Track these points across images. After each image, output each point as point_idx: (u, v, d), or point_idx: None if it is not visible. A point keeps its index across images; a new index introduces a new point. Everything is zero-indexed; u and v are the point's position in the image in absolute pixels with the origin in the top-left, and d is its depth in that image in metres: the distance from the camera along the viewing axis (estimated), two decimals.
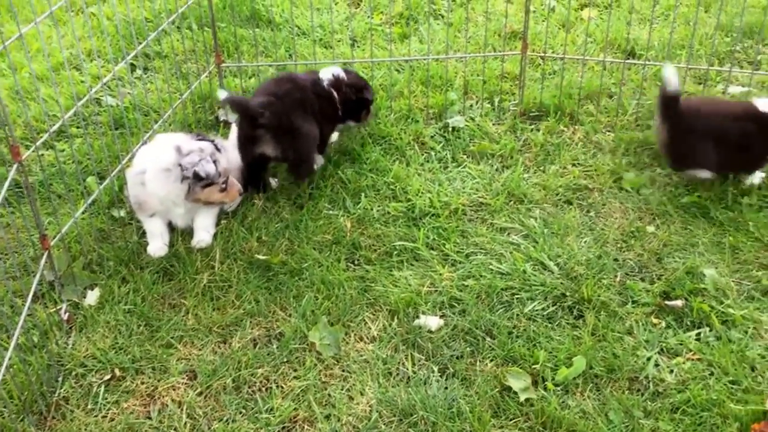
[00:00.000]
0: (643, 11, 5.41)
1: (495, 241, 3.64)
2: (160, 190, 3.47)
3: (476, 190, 3.98)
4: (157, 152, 3.51)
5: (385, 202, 3.90)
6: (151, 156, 3.51)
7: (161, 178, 3.45)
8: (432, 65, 4.88)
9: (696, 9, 4.58)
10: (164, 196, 3.48)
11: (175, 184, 3.45)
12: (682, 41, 4.96)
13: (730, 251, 3.49)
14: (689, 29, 5.04)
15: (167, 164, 3.44)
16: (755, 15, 5.09)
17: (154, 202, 3.51)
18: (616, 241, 3.61)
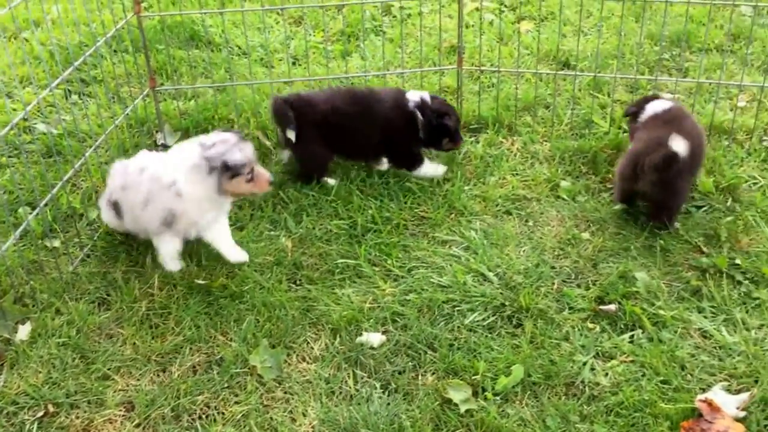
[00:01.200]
0: (578, 23, 5.53)
1: (436, 254, 3.69)
2: (199, 191, 3.41)
3: (418, 204, 4.02)
4: (179, 156, 3.45)
5: (327, 220, 3.93)
6: (174, 162, 3.44)
7: (195, 177, 3.39)
8: (373, 81, 4.93)
9: (621, 20, 4.69)
10: (204, 195, 3.42)
11: (208, 179, 3.39)
12: (613, 51, 5.08)
13: (661, 254, 3.58)
14: (621, 39, 5.17)
15: (195, 161, 3.39)
16: (682, 24, 5.24)
17: (193, 209, 3.45)
18: (553, 249, 3.69)
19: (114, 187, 3.59)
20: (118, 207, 3.59)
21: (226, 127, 3.76)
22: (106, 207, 3.68)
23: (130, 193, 3.50)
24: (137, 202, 3.47)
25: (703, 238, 3.64)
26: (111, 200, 3.62)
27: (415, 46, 5.39)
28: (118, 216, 3.62)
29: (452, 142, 4.24)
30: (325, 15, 5.90)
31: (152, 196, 3.44)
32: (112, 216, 3.67)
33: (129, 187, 3.51)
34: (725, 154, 4.16)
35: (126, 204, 3.54)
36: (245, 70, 5.13)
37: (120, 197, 3.56)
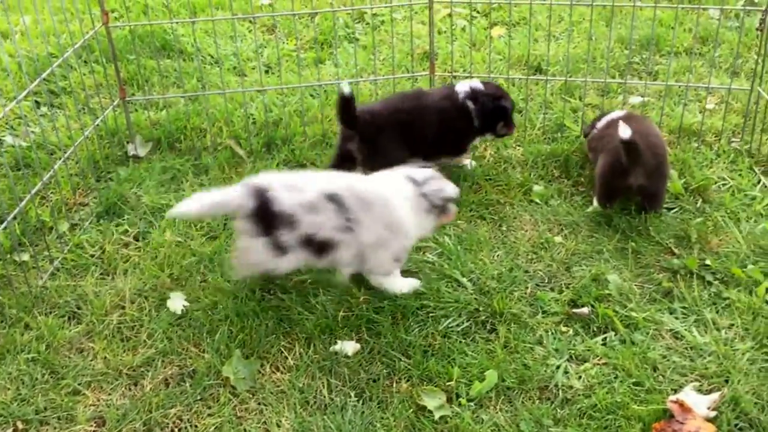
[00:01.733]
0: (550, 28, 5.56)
1: (411, 260, 3.69)
2: (418, 229, 3.43)
3: None
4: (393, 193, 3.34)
5: None
6: (396, 202, 3.31)
7: (417, 216, 3.38)
8: None
9: (591, 25, 4.72)
10: (419, 232, 3.46)
11: (427, 216, 3.40)
12: (584, 55, 5.11)
13: (633, 256, 3.61)
14: (591, 44, 5.21)
15: (413, 199, 3.36)
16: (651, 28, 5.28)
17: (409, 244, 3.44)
18: (526, 253, 3.70)
19: (317, 223, 3.24)
20: (319, 245, 3.28)
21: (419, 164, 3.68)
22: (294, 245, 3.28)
23: (362, 233, 3.28)
24: (369, 244, 3.31)
25: (674, 240, 3.67)
26: (308, 237, 3.26)
27: (388, 53, 5.40)
28: (318, 254, 3.32)
29: (506, 127, 4.23)
30: (297, 23, 5.90)
31: (386, 240, 3.34)
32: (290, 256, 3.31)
33: (355, 226, 3.27)
34: (695, 156, 4.19)
35: (349, 243, 3.30)
36: (217, 79, 5.11)
37: (335, 236, 3.27)
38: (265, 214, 3.22)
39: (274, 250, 3.28)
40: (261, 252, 3.28)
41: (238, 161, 4.45)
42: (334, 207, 3.24)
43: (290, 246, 3.27)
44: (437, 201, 3.38)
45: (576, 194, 4.05)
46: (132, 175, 4.29)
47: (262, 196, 3.22)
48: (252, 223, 3.25)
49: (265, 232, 3.24)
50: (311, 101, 4.96)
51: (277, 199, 3.21)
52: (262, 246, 3.27)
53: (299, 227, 3.23)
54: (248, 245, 3.31)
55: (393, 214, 3.33)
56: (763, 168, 4.12)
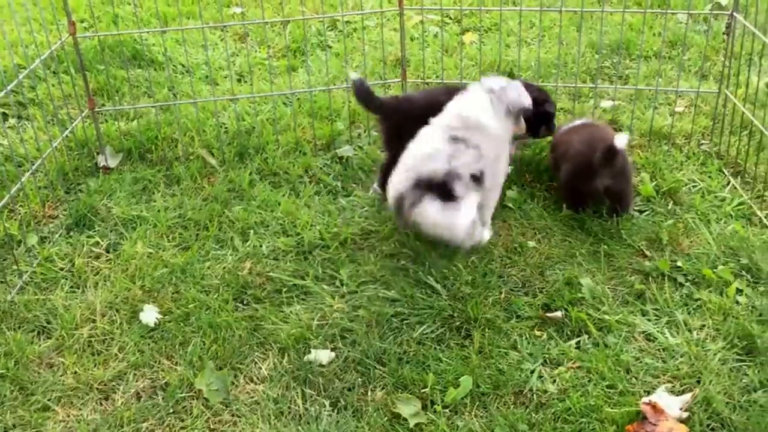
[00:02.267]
0: (522, 33, 5.59)
1: (384, 268, 3.68)
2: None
3: (365, 218, 4.02)
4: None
5: (275, 237, 3.90)
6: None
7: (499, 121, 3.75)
8: (319, 96, 4.93)
9: (560, 30, 4.75)
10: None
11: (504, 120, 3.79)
12: (555, 60, 5.14)
13: (606, 259, 3.62)
14: (563, 49, 5.25)
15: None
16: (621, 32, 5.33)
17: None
18: (500, 257, 3.70)
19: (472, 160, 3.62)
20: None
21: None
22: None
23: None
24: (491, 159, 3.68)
25: (646, 242, 3.69)
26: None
27: (361, 60, 5.40)
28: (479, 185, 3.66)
29: (548, 130, 4.21)
30: (269, 31, 5.88)
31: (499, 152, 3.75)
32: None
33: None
34: (665, 159, 4.23)
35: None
36: (189, 89, 5.08)
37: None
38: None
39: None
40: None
41: (211, 171, 4.43)
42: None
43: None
44: (512, 107, 3.74)
45: (549, 199, 4.06)
46: (102, 187, 4.25)
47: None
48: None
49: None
50: (284, 109, 4.95)
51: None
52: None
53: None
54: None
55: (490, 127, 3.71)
56: (732, 170, 4.16)
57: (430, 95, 4.21)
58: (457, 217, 3.60)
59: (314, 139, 4.62)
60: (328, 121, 4.76)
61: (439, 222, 3.61)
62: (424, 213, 3.60)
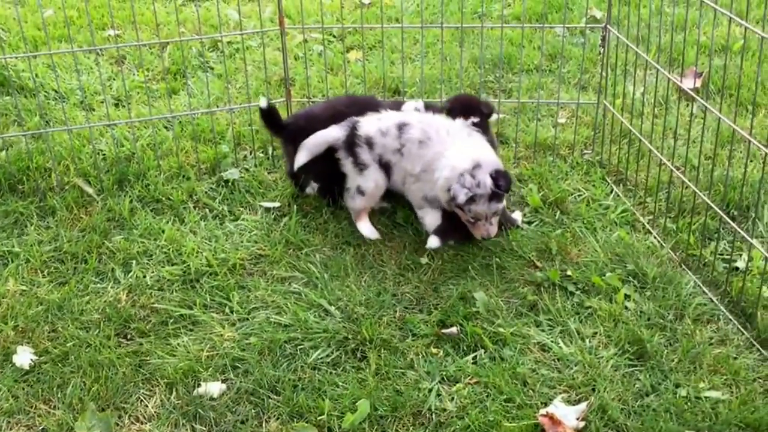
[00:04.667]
0: (406, 50, 5.61)
1: (276, 292, 3.57)
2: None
3: (254, 242, 3.89)
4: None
5: (159, 267, 3.72)
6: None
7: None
8: (201, 119, 4.77)
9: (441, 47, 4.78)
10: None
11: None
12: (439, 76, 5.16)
13: (498, 272, 3.63)
14: (447, 64, 5.29)
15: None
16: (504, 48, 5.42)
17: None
18: (393, 276, 3.65)
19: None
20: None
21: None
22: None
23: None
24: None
25: (536, 253, 3.72)
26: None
27: (243, 81, 5.28)
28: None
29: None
30: (147, 53, 5.68)
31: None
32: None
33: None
34: (551, 170, 4.30)
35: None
36: (62, 115, 4.82)
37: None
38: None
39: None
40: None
41: (88, 200, 4.20)
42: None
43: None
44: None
45: None
46: None
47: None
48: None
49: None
50: (165, 133, 4.77)
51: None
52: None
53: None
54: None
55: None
56: (615, 178, 4.27)
57: (332, 107, 4.17)
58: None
59: (198, 162, 4.46)
60: (211, 143, 4.61)
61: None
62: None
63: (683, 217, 3.85)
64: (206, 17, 6.19)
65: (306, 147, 3.94)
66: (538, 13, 5.94)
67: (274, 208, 4.13)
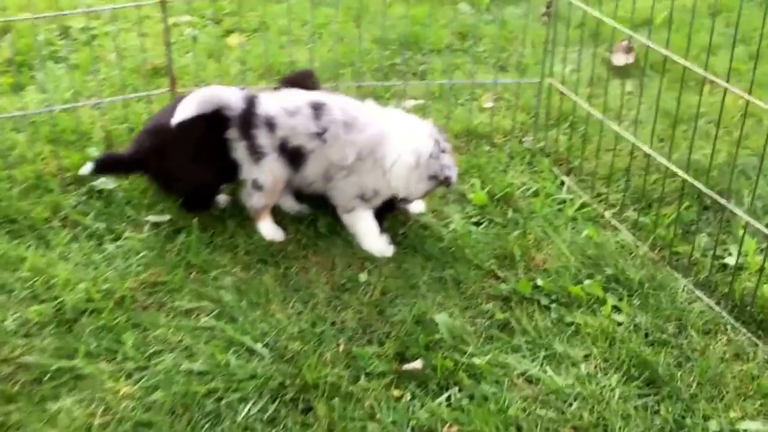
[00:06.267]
0: (295, 33, 4.90)
1: (181, 329, 2.82)
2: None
3: (145, 266, 3.10)
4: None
5: (22, 306, 2.87)
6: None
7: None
8: (61, 117, 3.88)
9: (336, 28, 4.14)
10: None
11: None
12: (342, 59, 4.50)
13: (454, 286, 3.04)
14: (346, 47, 4.64)
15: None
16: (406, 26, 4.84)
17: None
18: (328, 299, 2.98)
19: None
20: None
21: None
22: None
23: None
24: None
25: (495, 260, 3.16)
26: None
27: (108, 72, 4.40)
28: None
29: None
30: None
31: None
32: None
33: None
34: (488, 161, 3.75)
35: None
36: None
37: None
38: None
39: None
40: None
41: None
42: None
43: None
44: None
45: None
46: None
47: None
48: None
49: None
50: (15, 137, 3.84)
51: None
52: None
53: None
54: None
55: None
56: (561, 167, 3.78)
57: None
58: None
59: (61, 170, 3.59)
60: (76, 147, 3.74)
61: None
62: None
63: (652, 209, 3.40)
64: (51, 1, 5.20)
65: (193, 101, 3.16)
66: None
67: (164, 222, 3.34)
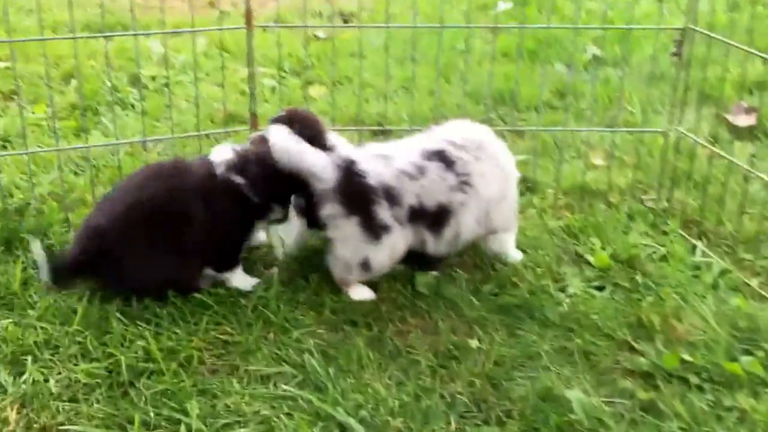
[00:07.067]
0: (379, 86, 4.57)
1: (257, 398, 2.35)
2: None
3: (216, 323, 2.65)
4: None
5: (70, 364, 2.44)
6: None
7: None
8: (126, 161, 3.54)
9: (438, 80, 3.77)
10: None
11: None
12: (431, 112, 4.13)
13: (582, 358, 2.52)
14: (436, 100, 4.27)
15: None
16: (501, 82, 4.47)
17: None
18: (432, 368, 2.49)
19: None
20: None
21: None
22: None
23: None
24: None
25: (628, 330, 2.64)
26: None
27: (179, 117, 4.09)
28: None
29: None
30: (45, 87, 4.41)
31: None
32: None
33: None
34: (606, 221, 3.26)
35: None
36: None
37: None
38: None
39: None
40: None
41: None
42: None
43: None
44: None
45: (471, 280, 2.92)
46: None
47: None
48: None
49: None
50: (73, 180, 3.50)
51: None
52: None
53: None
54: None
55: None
56: (692, 228, 3.26)
57: (132, 190, 2.78)
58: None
59: None
60: None
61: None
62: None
63: None
64: (122, 49, 4.99)
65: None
66: (528, 50, 5.02)
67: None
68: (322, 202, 2.71)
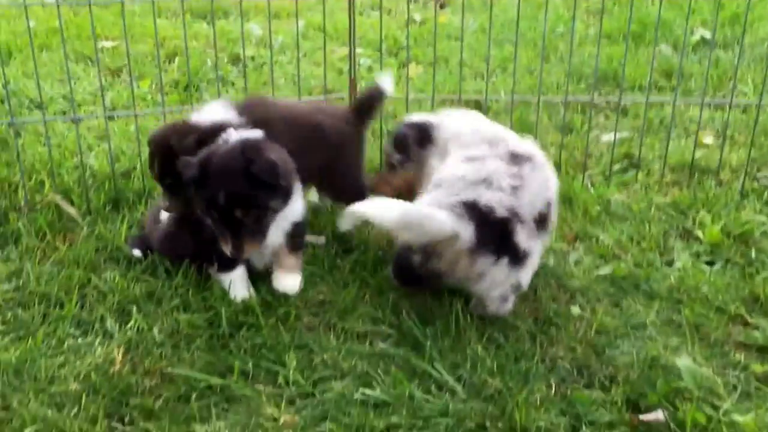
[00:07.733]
0: (476, 66, 4.52)
1: (353, 354, 2.33)
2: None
3: (314, 281, 2.66)
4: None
5: (172, 315, 2.50)
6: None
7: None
8: None
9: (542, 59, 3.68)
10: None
11: None
12: (530, 90, 4.06)
13: (691, 330, 2.41)
14: (533, 79, 4.19)
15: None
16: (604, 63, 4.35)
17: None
18: (531, 333, 2.42)
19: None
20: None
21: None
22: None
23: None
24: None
25: (740, 303, 2.51)
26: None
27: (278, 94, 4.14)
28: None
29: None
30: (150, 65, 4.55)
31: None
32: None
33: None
34: (717, 197, 3.12)
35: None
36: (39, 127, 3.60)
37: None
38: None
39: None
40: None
41: (69, 225, 2.98)
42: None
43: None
44: None
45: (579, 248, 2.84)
46: None
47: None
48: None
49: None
50: None
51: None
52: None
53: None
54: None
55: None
56: None
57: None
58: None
59: None
60: None
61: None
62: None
63: None
64: (223, 32, 5.09)
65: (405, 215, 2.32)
66: (633, 33, 4.87)
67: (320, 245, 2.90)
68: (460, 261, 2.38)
